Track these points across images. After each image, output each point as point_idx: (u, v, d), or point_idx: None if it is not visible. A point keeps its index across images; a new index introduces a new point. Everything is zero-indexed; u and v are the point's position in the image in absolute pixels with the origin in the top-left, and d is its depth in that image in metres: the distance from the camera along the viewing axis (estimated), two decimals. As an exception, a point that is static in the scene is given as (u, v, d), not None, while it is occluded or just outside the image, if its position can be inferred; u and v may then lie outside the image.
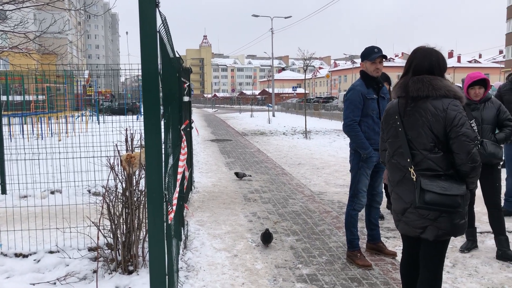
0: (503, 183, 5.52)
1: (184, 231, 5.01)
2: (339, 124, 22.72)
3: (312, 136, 17.70)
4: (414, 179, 2.78)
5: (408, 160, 2.83)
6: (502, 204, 5.16)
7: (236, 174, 8.89)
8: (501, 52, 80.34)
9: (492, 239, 4.76)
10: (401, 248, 3.31)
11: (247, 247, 4.89)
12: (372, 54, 4.31)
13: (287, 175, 9.20)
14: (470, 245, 4.76)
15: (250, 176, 9.00)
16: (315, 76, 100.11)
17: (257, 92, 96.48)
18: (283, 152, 13.31)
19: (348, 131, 4.37)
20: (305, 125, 18.55)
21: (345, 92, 4.81)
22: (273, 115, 34.77)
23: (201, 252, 4.72)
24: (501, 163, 4.70)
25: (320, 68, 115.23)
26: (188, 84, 6.65)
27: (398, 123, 2.89)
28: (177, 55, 5.09)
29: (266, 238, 4.81)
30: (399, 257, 4.40)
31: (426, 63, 2.82)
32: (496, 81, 13.00)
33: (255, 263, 4.44)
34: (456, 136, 2.68)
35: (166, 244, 2.69)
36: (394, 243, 4.99)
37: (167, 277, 2.61)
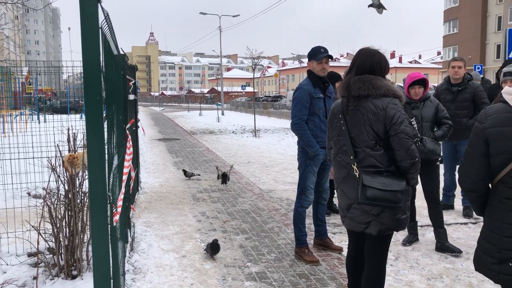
0: (442, 179, 5.81)
1: (130, 233, 4.89)
2: (287, 123, 23.01)
3: (261, 135, 17.83)
4: (357, 175, 2.87)
5: (352, 158, 2.92)
6: (441, 198, 5.42)
7: (184, 172, 8.77)
8: (439, 53, 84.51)
9: (431, 232, 4.99)
10: (347, 243, 3.40)
11: (196, 247, 4.85)
12: (318, 54, 4.39)
13: (237, 173, 9.21)
14: (412, 238, 4.97)
15: (199, 175, 8.92)
16: (264, 75, 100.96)
17: (205, 90, 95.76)
18: (232, 150, 13.31)
19: (295, 129, 4.44)
20: (254, 123, 18.66)
21: (293, 91, 4.87)
22: (222, 114, 34.68)
23: (148, 254, 4.62)
24: (439, 159, 4.93)
25: (268, 67, 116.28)
26: (133, 82, 6.49)
27: (342, 122, 2.97)
28: (122, 52, 4.95)
29: (214, 249, 4.44)
30: (345, 252, 4.51)
31: (368, 63, 2.92)
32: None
33: (204, 263, 4.41)
34: (395, 133, 2.78)
35: (111, 247, 2.61)
36: (340, 238, 5.11)
37: (112, 280, 2.54)
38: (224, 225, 5.63)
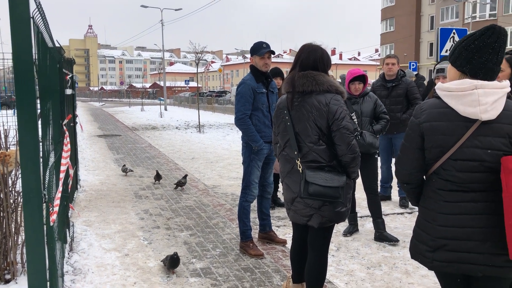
0: (379, 171, 6.05)
1: (69, 232, 4.70)
2: (232, 118, 23.02)
3: (205, 130, 17.71)
4: (300, 171, 2.93)
5: (296, 153, 2.98)
6: (379, 190, 5.64)
7: (124, 169, 8.56)
8: (377, 50, 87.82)
9: (370, 222, 5.18)
10: (291, 235, 3.47)
11: (138, 246, 4.74)
12: (261, 49, 4.41)
13: (181, 170, 9.09)
14: (352, 229, 5.14)
15: (132, 171, 8.64)
16: (208, 70, 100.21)
17: (147, 85, 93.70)
18: (176, 146, 13.13)
19: (239, 124, 4.44)
20: (199, 119, 18.49)
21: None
22: (165, 109, 34.12)
23: (89, 253, 4.47)
24: (377, 152, 5.13)
25: (212, 62, 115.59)
26: (71, 76, 6.22)
27: (287, 117, 3.02)
28: (58, 45, 4.72)
29: (172, 263, 4.01)
30: (289, 244, 4.59)
31: (311, 59, 2.97)
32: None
33: (147, 261, 4.32)
34: (337, 128, 2.87)
35: (48, 248, 2.49)
36: (284, 231, 5.19)
37: (48, 283, 2.42)
38: (168, 222, 5.55)
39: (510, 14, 39.38)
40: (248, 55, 4.44)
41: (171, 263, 3.99)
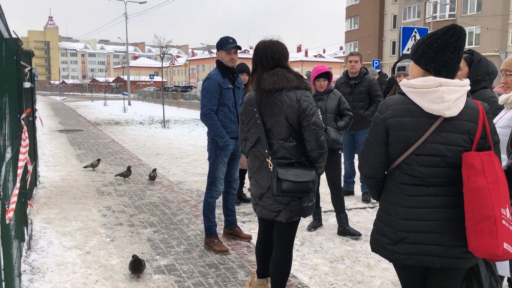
0: (343, 166, 6.14)
1: (27, 230, 4.54)
2: (198, 113, 22.84)
3: (170, 126, 17.51)
4: (271, 169, 2.95)
5: (266, 151, 2.99)
6: (342, 185, 5.73)
7: (92, 165, 8.40)
8: (341, 48, 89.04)
9: (334, 217, 5.26)
10: (256, 231, 3.47)
11: (101, 243, 4.64)
12: (227, 44, 4.39)
13: (144, 166, 8.96)
14: (316, 224, 5.20)
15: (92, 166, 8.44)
16: (173, 64, 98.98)
17: (111, 79, 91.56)
18: (140, 142, 12.92)
19: (205, 120, 4.41)
20: (163, 114, 18.24)
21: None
22: (129, 104, 33.49)
23: (48, 252, 4.34)
24: (341, 148, 5.21)
25: (178, 56, 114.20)
26: (29, 68, 6.00)
27: (257, 115, 3.02)
28: (15, 36, 4.54)
29: (134, 267, 3.79)
30: (254, 240, 4.61)
31: (269, 54, 2.99)
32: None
33: (109, 258, 4.24)
34: (307, 124, 2.90)
35: (3, 247, 2.40)
36: (249, 226, 5.20)
37: (4, 283, 2.33)
38: (131, 219, 5.46)
39: (468, 15, 40.77)
40: (215, 50, 4.41)
41: (132, 268, 3.80)
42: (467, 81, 2.12)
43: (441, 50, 2.07)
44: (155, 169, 7.70)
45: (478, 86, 3.18)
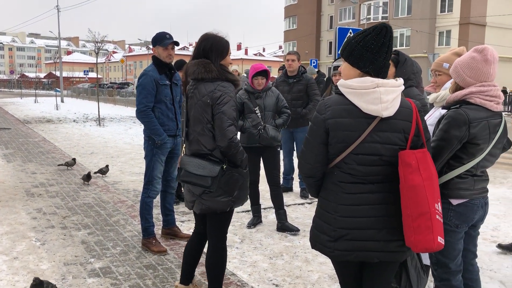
0: (282, 163, 6.23)
1: None
2: (134, 111, 22.26)
3: (106, 124, 16.93)
4: (181, 155, 3.08)
5: (183, 139, 3.13)
6: (281, 181, 5.81)
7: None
8: (280, 47, 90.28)
9: (273, 214, 5.32)
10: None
11: (30, 247, 4.39)
12: (164, 39, 4.29)
13: (78, 165, 8.58)
14: (256, 221, 5.24)
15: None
16: (109, 60, 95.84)
17: (42, 75, 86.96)
18: (73, 141, 12.37)
19: (141, 117, 4.29)
20: (98, 111, 17.56)
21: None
22: (62, 101, 32.01)
23: (-30, 259, 4.04)
24: (280, 145, 5.28)
25: (114, 52, 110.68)
26: None
27: (185, 104, 3.12)
28: None
29: None
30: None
31: (201, 48, 3.02)
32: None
33: (40, 263, 4.02)
34: (217, 113, 2.93)
35: None
36: (189, 226, 5.14)
37: None
38: (63, 221, 5.21)
39: (399, 17, 42.76)
40: (152, 46, 4.29)
41: None
42: (401, 81, 2.18)
43: (378, 52, 2.11)
44: (107, 165, 7.77)
45: (405, 85, 3.33)
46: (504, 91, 29.88)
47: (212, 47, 3.00)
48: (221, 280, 3.16)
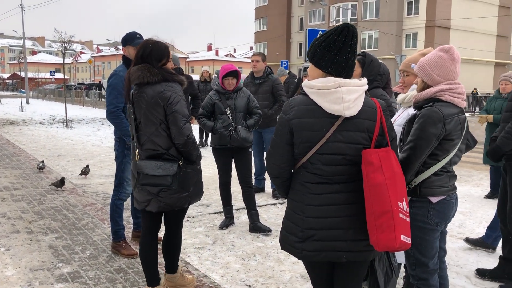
0: (253, 164, 6.23)
1: None
2: (103, 112, 21.83)
3: (74, 125, 16.56)
4: (137, 161, 3.12)
5: (135, 144, 3.15)
6: (253, 182, 5.81)
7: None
8: (251, 48, 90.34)
9: (245, 214, 5.32)
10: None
11: (-6, 253, 4.24)
12: (135, 39, 4.23)
13: (45, 168, 8.35)
14: (228, 222, 5.22)
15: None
16: (76, 61, 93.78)
17: (6, 75, 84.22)
18: (39, 143, 12.03)
19: (112, 118, 4.21)
20: (66, 113, 17.16)
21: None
22: (27, 102, 31.14)
23: None
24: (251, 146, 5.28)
25: (81, 52, 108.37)
26: None
27: (131, 110, 3.16)
28: None
29: None
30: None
31: (140, 53, 3.10)
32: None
33: (4, 270, 3.88)
34: (171, 112, 3.03)
35: None
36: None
37: None
38: (29, 226, 5.05)
39: (368, 20, 43.52)
40: (121, 46, 4.23)
41: None
42: (364, 81, 2.19)
43: (339, 52, 2.11)
44: (88, 165, 7.74)
45: (371, 85, 3.39)
46: (473, 92, 30.97)
47: (152, 53, 3.09)
48: (178, 259, 3.48)
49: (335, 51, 2.12)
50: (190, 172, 3.17)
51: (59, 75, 58.20)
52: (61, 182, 6.65)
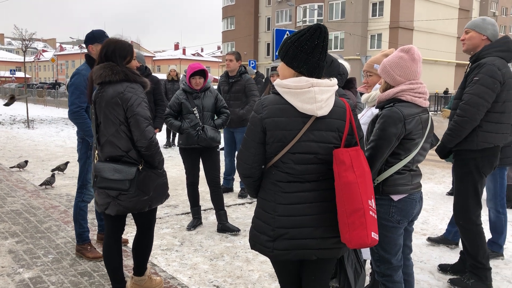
0: (223, 164, 6.20)
1: None
2: (66, 112, 21.27)
3: (36, 126, 16.05)
4: (95, 162, 3.07)
5: (95, 145, 3.10)
6: (222, 182, 5.78)
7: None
8: (219, 47, 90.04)
9: (213, 215, 5.29)
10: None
11: (-50, 260, 4.05)
12: (103, 37, 4.12)
13: (4, 170, 8.06)
14: (196, 223, 5.17)
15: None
16: (38, 59, 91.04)
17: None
18: (-1, 144, 11.61)
19: (74, 118, 4.10)
20: (27, 113, 16.62)
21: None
22: (-14, 102, 29.96)
23: None
24: (221, 146, 5.25)
25: (44, 51, 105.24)
26: None
27: (93, 110, 3.10)
28: None
29: None
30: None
31: (104, 52, 3.06)
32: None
33: (-39, 277, 3.72)
34: (132, 115, 2.96)
35: None
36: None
37: None
38: (-12, 230, 4.86)
39: (334, 20, 44.14)
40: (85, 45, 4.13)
41: None
42: (335, 81, 2.22)
43: (311, 52, 2.13)
44: (67, 162, 7.74)
45: None
46: (445, 91, 31.85)
47: (115, 51, 3.04)
48: (147, 261, 3.43)
49: (308, 51, 2.13)
50: (151, 175, 3.11)
51: (20, 74, 56.33)
52: (25, 162, 6.90)
